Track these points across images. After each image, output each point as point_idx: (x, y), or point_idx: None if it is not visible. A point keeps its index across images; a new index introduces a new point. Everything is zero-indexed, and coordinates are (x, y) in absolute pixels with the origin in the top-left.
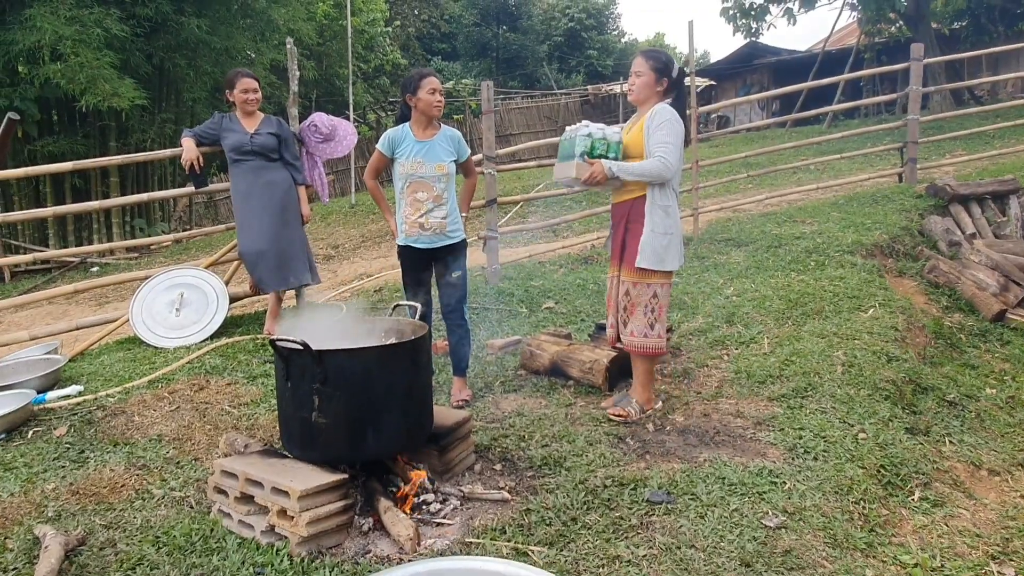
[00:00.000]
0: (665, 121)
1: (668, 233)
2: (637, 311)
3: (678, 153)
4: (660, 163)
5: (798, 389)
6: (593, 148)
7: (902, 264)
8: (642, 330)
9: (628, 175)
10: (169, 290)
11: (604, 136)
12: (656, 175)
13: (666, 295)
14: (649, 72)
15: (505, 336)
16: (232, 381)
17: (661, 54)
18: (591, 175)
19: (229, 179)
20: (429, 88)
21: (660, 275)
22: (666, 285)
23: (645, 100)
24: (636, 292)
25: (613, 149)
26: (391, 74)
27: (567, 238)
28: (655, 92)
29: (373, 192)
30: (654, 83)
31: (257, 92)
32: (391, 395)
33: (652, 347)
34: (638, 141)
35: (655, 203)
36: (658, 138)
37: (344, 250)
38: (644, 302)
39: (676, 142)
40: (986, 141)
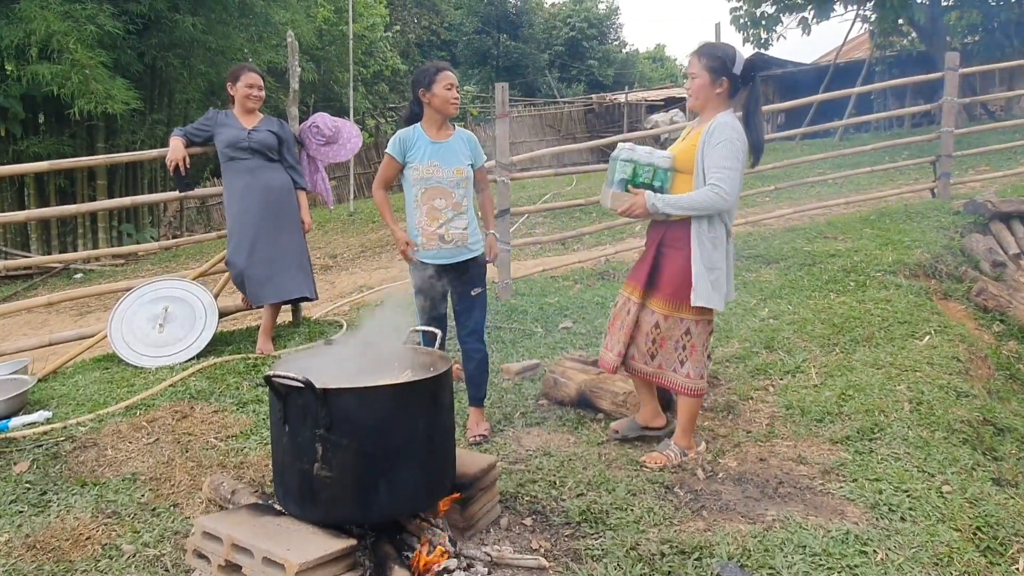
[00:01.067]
0: (726, 140)
1: (715, 268)
2: (667, 345)
3: (738, 180)
4: (716, 195)
5: (863, 430)
6: (635, 176)
7: (947, 286)
8: (671, 364)
9: (676, 210)
10: (152, 303)
11: (651, 162)
12: (711, 208)
13: (702, 334)
14: (703, 72)
15: (521, 359)
16: (219, 408)
17: (719, 48)
18: (630, 208)
19: (222, 180)
20: (446, 83)
21: (696, 311)
22: (701, 323)
23: (704, 106)
24: (667, 326)
25: (660, 177)
26: (390, 80)
27: (577, 251)
28: (714, 96)
29: (381, 204)
30: (710, 85)
31: (261, 89)
32: (410, 443)
33: (680, 386)
34: (690, 155)
35: (703, 234)
36: (715, 160)
37: (342, 260)
38: (676, 337)
39: (736, 166)
40: (1009, 157)
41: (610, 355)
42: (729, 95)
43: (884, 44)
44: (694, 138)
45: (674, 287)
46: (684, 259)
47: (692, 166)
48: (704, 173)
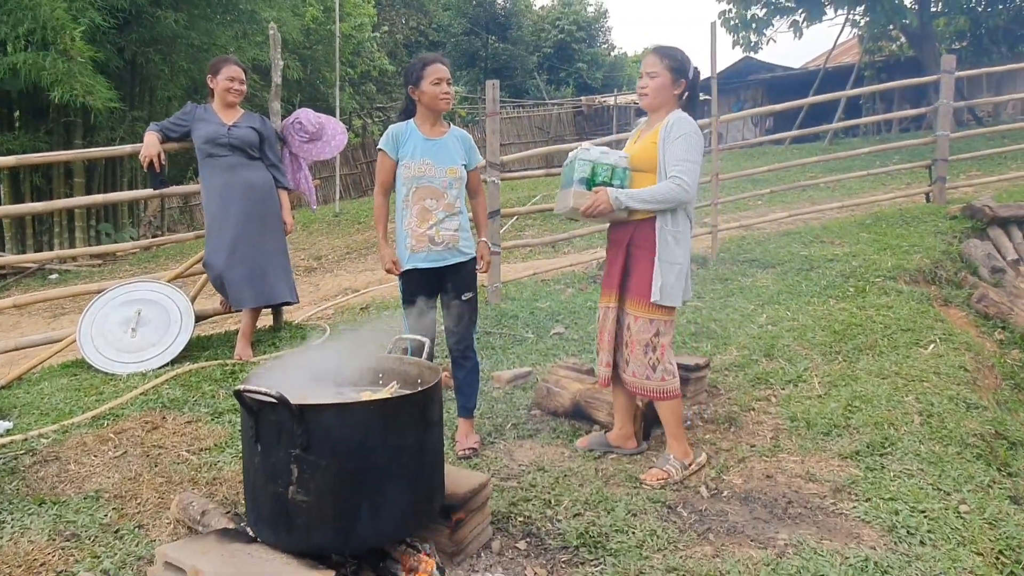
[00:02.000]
0: (685, 134)
1: (677, 263)
2: (637, 349)
3: (697, 173)
4: (677, 186)
5: (873, 444)
6: (595, 175)
7: (947, 292)
8: (643, 371)
9: (639, 203)
10: (125, 306)
11: (609, 161)
12: (673, 200)
13: (668, 333)
14: (665, 72)
15: (512, 366)
16: (193, 418)
17: (677, 51)
18: (592, 205)
19: (199, 178)
20: (433, 78)
21: (664, 310)
22: (668, 322)
23: (660, 105)
24: (637, 328)
25: (619, 176)
26: (378, 81)
27: (568, 254)
28: (672, 96)
29: (377, 212)
30: (671, 85)
31: (243, 84)
32: (395, 464)
33: (656, 391)
34: (649, 154)
35: (666, 229)
36: (676, 154)
37: (327, 262)
38: (645, 340)
39: (696, 159)
40: (999, 162)
41: (602, 368)
42: (682, 98)
43: (873, 49)
44: (652, 136)
45: (641, 286)
46: (650, 258)
47: (652, 164)
48: (665, 168)
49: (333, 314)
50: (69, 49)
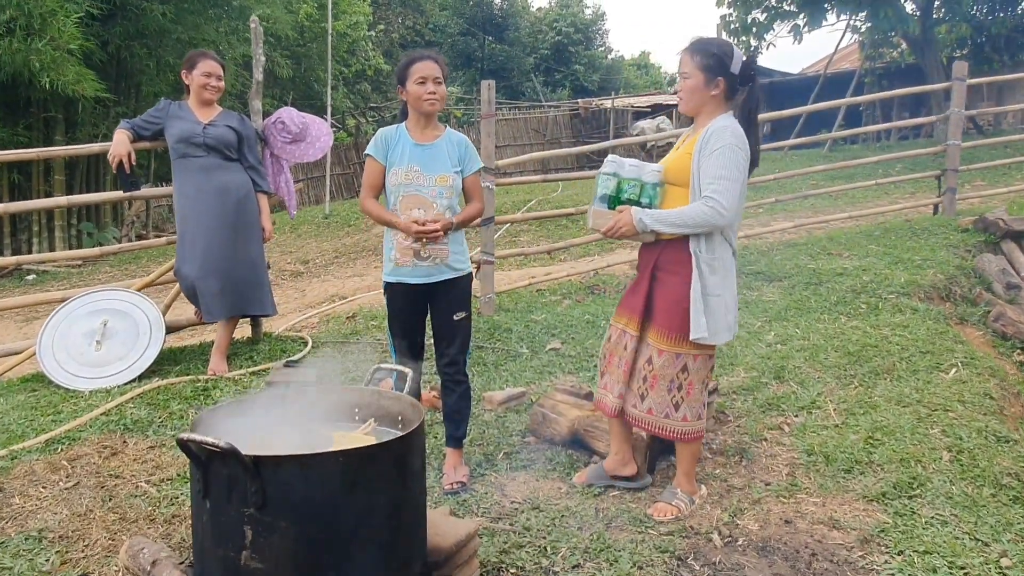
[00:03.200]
0: (724, 147)
1: (715, 294)
2: (659, 385)
3: (737, 191)
4: (710, 209)
5: (900, 485)
6: (620, 191)
7: (962, 310)
8: (662, 408)
9: (666, 227)
10: (90, 316)
11: (638, 176)
12: (704, 224)
13: (701, 371)
14: (696, 72)
15: (504, 385)
16: (156, 443)
17: (713, 43)
18: (614, 226)
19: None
20: (417, 77)
21: (694, 345)
22: (700, 358)
23: (698, 110)
24: (661, 363)
25: (648, 193)
26: (373, 80)
27: (564, 261)
28: (710, 98)
29: (373, 210)
30: (704, 86)
31: (220, 80)
32: (367, 524)
33: (674, 431)
34: (683, 165)
35: (700, 256)
36: (711, 169)
37: (315, 266)
38: (670, 376)
39: (736, 176)
40: (1004, 172)
41: (609, 397)
42: (726, 97)
43: (874, 55)
44: (688, 147)
45: (668, 317)
46: (680, 285)
47: (686, 178)
48: (699, 185)
49: (318, 323)
50: (58, 38)
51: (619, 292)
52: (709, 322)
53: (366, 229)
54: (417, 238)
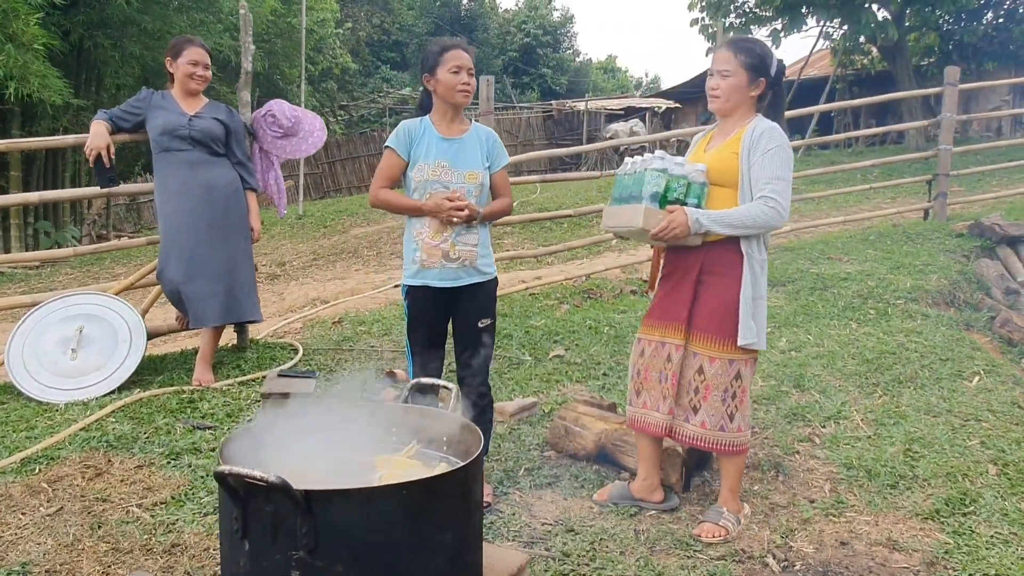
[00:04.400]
0: (777, 147)
1: (762, 297)
2: (712, 395)
3: (790, 193)
4: (771, 209)
5: (952, 501)
6: (668, 190)
7: (967, 315)
8: (717, 421)
9: (725, 227)
10: (64, 323)
11: (684, 174)
12: (765, 226)
13: (749, 377)
14: (740, 70)
15: (511, 394)
16: (144, 461)
17: (756, 44)
18: (667, 227)
19: (154, 175)
20: (452, 65)
21: (747, 350)
22: (750, 363)
23: (734, 109)
24: (714, 371)
25: (695, 193)
26: (339, 79)
27: (552, 264)
28: (748, 98)
29: (390, 199)
30: (747, 86)
31: (207, 69)
32: (431, 565)
33: (730, 444)
34: (729, 165)
35: (753, 257)
36: (768, 170)
37: (292, 269)
38: (724, 385)
39: (790, 177)
40: (980, 179)
41: (654, 415)
42: (761, 100)
43: (845, 62)
44: (731, 145)
45: (720, 322)
46: (732, 287)
47: (731, 178)
48: (751, 185)
49: (302, 328)
50: (21, 36)
51: (615, 297)
52: (758, 325)
53: (343, 231)
54: (448, 219)
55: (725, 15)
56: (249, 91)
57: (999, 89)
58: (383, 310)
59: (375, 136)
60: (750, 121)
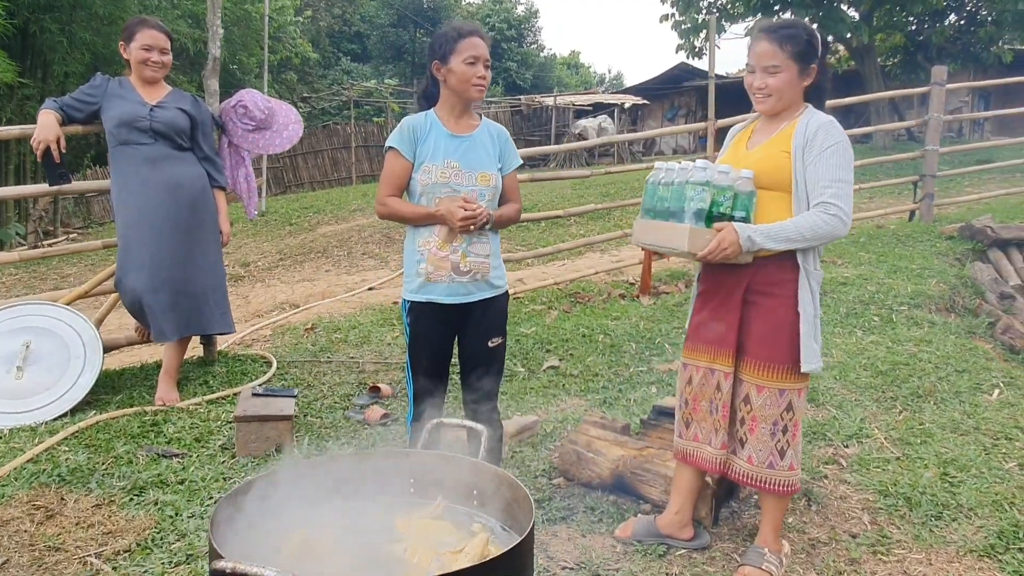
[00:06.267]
0: (836, 144)
1: (818, 317)
2: (760, 428)
3: (852, 196)
4: (833, 217)
5: (1005, 534)
6: (714, 205)
7: (968, 321)
8: (765, 456)
9: (782, 243)
10: (8, 337)
11: (731, 184)
12: (827, 237)
13: (802, 407)
14: (790, 63)
15: (507, 410)
16: (103, 498)
17: (799, 27)
18: (716, 249)
19: (109, 171)
20: (468, 55)
21: (797, 377)
22: (803, 392)
23: (784, 108)
24: (762, 402)
25: (743, 204)
26: (299, 69)
27: (531, 267)
28: (801, 92)
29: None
30: (798, 78)
31: (165, 54)
32: None
33: (780, 484)
34: (779, 165)
35: (809, 272)
36: (827, 171)
37: (257, 270)
38: (774, 417)
39: (851, 178)
40: (954, 181)
41: (707, 449)
42: (812, 90)
43: None
44: (780, 142)
45: (772, 347)
46: (784, 308)
47: (783, 180)
48: (807, 189)
49: (271, 336)
50: None
51: (604, 301)
52: (819, 348)
53: (310, 228)
54: (463, 228)
55: (697, 12)
56: (217, 79)
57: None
58: (359, 315)
59: (338, 129)
60: (800, 113)
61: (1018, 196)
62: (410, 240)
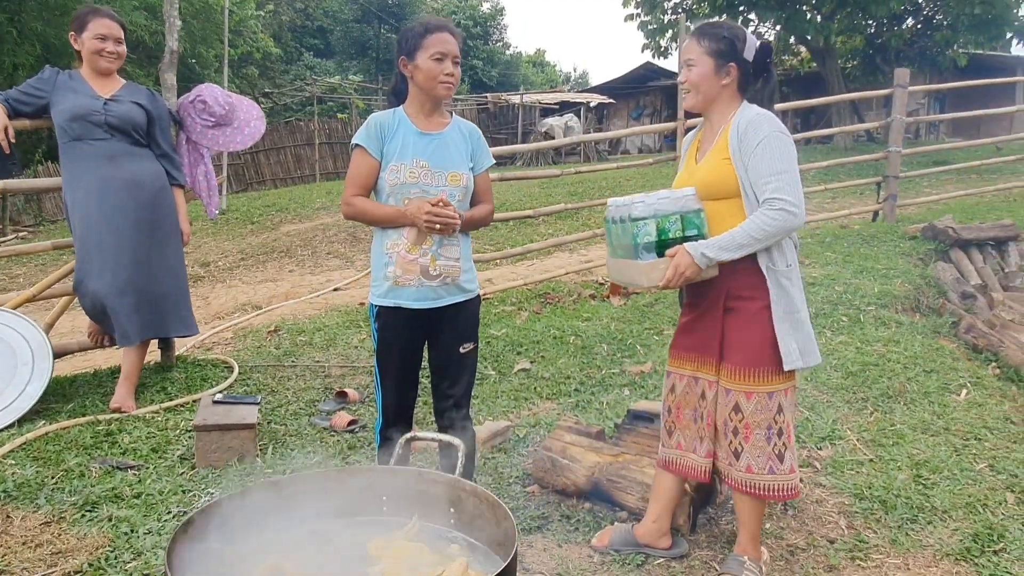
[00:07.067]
0: (767, 136)
1: (797, 310)
2: (755, 435)
3: (799, 182)
4: (779, 211)
5: (980, 537)
6: (662, 233)
7: (932, 320)
8: (764, 463)
9: (735, 251)
10: None
11: (676, 209)
12: (778, 231)
13: (792, 406)
14: (704, 58)
15: (479, 415)
16: (53, 516)
17: (723, 26)
18: (674, 276)
19: (61, 168)
20: (435, 51)
21: (783, 377)
22: (790, 391)
23: (708, 103)
24: (752, 407)
25: (693, 223)
26: (260, 64)
27: (499, 266)
28: (721, 89)
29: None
30: (713, 74)
31: (120, 44)
32: None
33: (783, 488)
34: (723, 174)
35: (773, 270)
36: (763, 166)
37: (217, 270)
38: (767, 422)
39: (792, 166)
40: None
41: (692, 457)
42: (739, 88)
43: (777, 62)
44: (720, 150)
45: (755, 352)
46: (759, 310)
47: (731, 188)
48: (753, 190)
49: (233, 338)
50: None
51: (575, 302)
52: (800, 343)
53: (272, 227)
54: (428, 225)
55: (662, 12)
56: (174, 73)
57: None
58: (324, 317)
59: (301, 126)
60: (734, 115)
61: (975, 197)
62: (378, 242)
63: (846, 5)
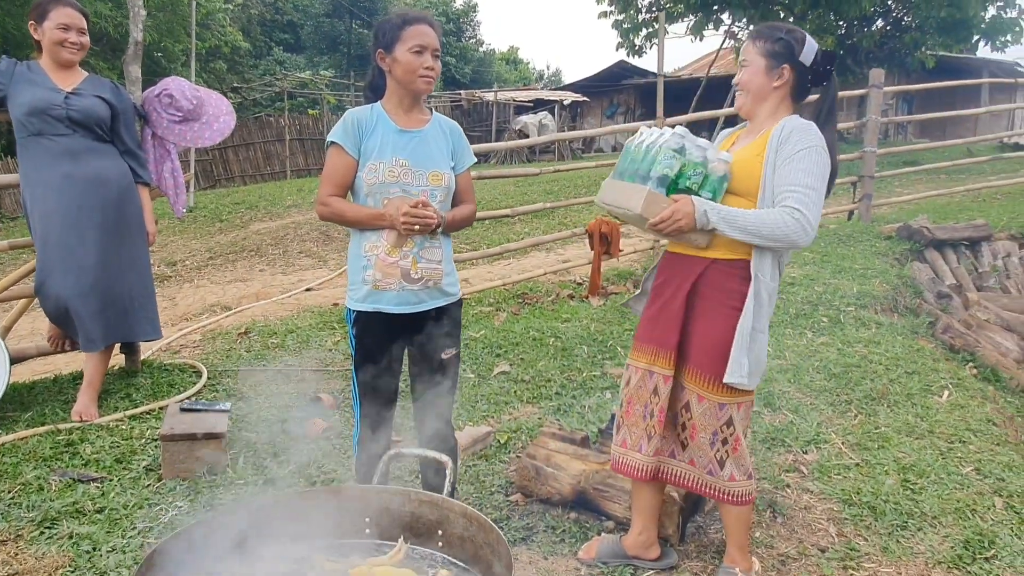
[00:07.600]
0: (808, 149)
1: (764, 332)
2: (700, 438)
3: (821, 207)
4: (796, 222)
5: (970, 543)
6: (681, 176)
7: (909, 321)
8: (705, 463)
9: (735, 230)
10: None
11: (704, 160)
12: (782, 237)
13: (744, 420)
14: (758, 58)
15: (458, 420)
16: (9, 533)
17: (781, 28)
18: (668, 218)
19: (18, 164)
20: (414, 44)
21: (739, 392)
22: (744, 406)
23: (756, 105)
24: (701, 411)
25: (711, 186)
26: (229, 58)
27: (476, 266)
28: (771, 90)
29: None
30: (765, 72)
31: (83, 34)
32: None
33: (721, 492)
34: (750, 170)
35: (761, 281)
36: (795, 176)
37: (184, 269)
38: (712, 429)
39: (821, 188)
40: (886, 182)
41: (635, 456)
42: (794, 95)
43: None
44: (756, 147)
45: (713, 357)
46: (731, 316)
47: (751, 186)
48: (772, 193)
49: (201, 341)
50: None
51: (553, 302)
52: (751, 364)
53: (242, 225)
54: (406, 227)
55: (636, 11)
56: (139, 65)
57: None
58: (296, 318)
59: (271, 121)
60: (781, 119)
61: (946, 197)
62: (355, 244)
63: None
